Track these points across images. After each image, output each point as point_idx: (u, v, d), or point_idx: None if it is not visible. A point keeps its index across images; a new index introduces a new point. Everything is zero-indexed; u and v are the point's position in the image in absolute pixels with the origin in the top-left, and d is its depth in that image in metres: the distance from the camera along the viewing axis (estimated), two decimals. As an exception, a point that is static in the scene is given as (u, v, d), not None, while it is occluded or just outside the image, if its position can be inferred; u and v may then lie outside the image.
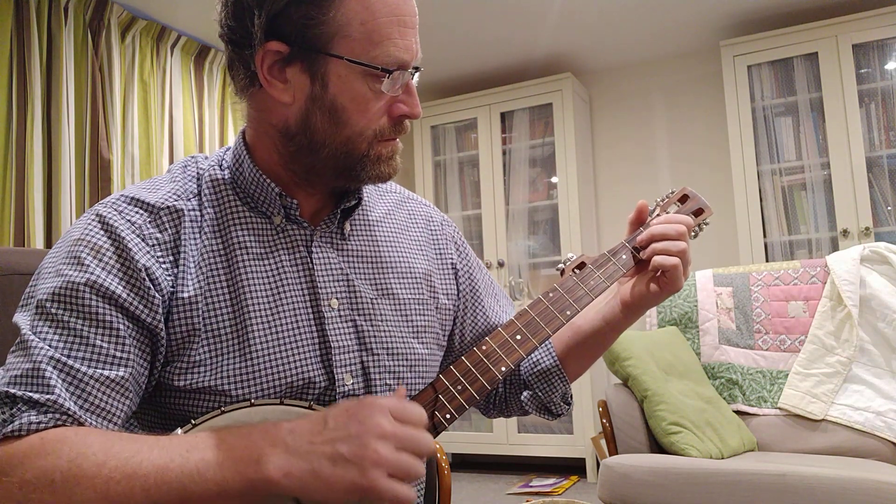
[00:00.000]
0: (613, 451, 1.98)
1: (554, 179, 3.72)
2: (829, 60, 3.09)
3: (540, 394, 1.00)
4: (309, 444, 0.64)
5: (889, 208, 3.01)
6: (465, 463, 3.91)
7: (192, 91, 3.25)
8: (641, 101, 3.86)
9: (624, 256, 0.93)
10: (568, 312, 0.87)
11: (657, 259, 0.88)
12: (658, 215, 1.01)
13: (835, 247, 3.02)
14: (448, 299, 0.96)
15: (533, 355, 1.00)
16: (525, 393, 1.02)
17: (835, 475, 1.57)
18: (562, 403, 1.02)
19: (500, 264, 3.72)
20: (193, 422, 0.70)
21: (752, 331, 2.29)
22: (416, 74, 0.81)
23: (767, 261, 3.17)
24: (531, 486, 3.33)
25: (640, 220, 0.97)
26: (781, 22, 3.36)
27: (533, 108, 3.75)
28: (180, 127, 3.14)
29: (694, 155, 3.71)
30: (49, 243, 2.56)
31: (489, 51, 3.63)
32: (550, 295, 0.88)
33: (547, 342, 1.00)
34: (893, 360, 2.09)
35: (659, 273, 0.89)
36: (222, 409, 0.72)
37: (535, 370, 1.00)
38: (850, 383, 2.10)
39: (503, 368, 0.82)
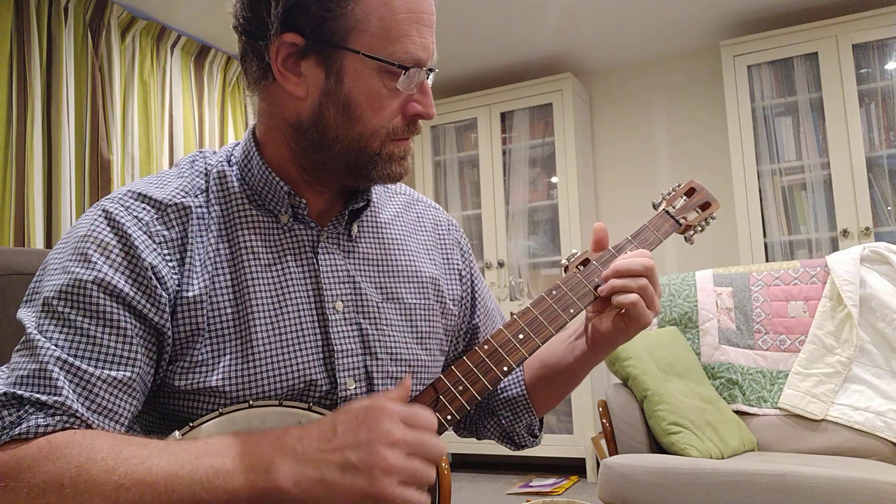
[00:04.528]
0: (613, 451, 1.98)
1: (554, 179, 3.72)
2: (829, 60, 3.09)
3: (504, 422, 0.97)
4: (318, 451, 0.64)
5: (889, 208, 3.01)
6: (465, 463, 3.91)
7: (192, 91, 3.25)
8: (641, 101, 3.86)
9: (629, 250, 0.90)
10: (571, 310, 0.85)
11: (616, 298, 0.83)
12: (665, 210, 0.99)
13: (835, 247, 3.02)
14: (455, 305, 0.94)
15: (502, 382, 0.97)
16: (492, 419, 0.99)
17: (835, 475, 1.57)
18: (526, 435, 0.99)
19: (500, 264, 3.72)
20: (191, 423, 0.70)
21: (752, 331, 2.29)
22: (431, 75, 0.79)
23: (767, 261, 3.17)
24: (531, 486, 3.33)
25: (601, 246, 0.91)
26: (781, 22, 3.36)
27: (533, 108, 3.75)
28: (180, 127, 3.14)
29: (694, 155, 3.71)
30: (49, 243, 2.56)
31: (489, 51, 3.62)
32: (553, 293, 0.86)
33: (517, 371, 0.97)
34: (893, 360, 2.09)
35: (623, 310, 0.84)
36: (220, 410, 0.71)
37: (501, 397, 0.98)
38: (850, 383, 2.10)
39: (505, 368, 0.81)
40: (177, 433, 0.69)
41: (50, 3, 2.62)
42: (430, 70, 0.78)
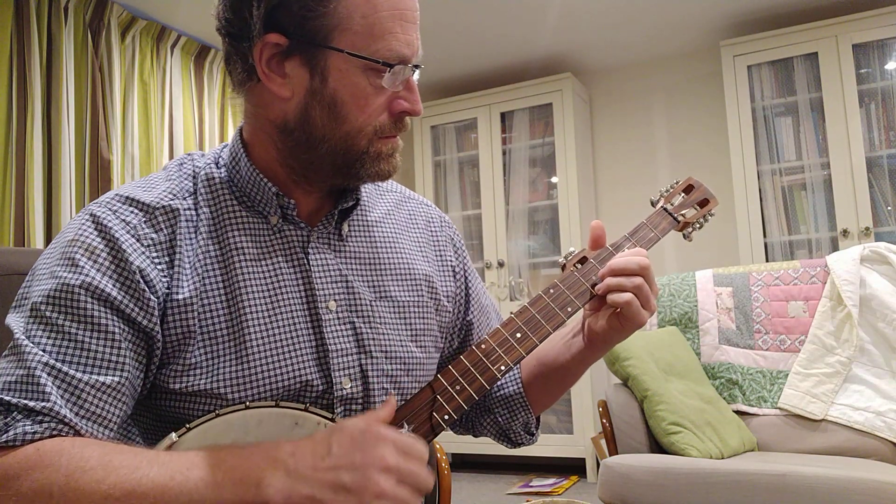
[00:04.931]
0: (613, 451, 1.98)
1: (554, 179, 3.72)
2: (829, 60, 3.09)
3: (500, 419, 0.97)
4: (311, 469, 0.63)
5: (889, 208, 3.01)
6: (465, 463, 3.91)
7: (192, 91, 3.25)
8: (641, 101, 3.86)
9: (627, 248, 0.90)
10: (569, 309, 0.85)
11: (610, 296, 0.83)
12: (663, 207, 0.98)
13: (835, 247, 3.02)
14: (449, 301, 0.94)
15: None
16: (489, 417, 0.99)
17: (835, 475, 1.57)
18: (523, 433, 0.98)
19: (500, 264, 3.72)
20: (188, 425, 0.69)
21: (752, 331, 2.29)
22: (417, 72, 0.79)
23: (767, 261, 3.17)
24: (531, 486, 3.33)
25: (598, 244, 0.91)
26: (781, 22, 3.36)
27: (533, 108, 3.75)
28: (180, 127, 3.15)
29: (694, 155, 3.71)
30: (49, 243, 2.56)
31: (489, 50, 3.62)
32: (551, 291, 0.85)
33: (514, 369, 0.97)
34: (893, 360, 2.09)
35: (618, 308, 0.83)
36: (217, 412, 0.71)
37: (497, 395, 0.97)
38: (850, 383, 2.10)
39: (502, 367, 0.81)
40: (173, 435, 0.69)
41: (50, 3, 2.62)
42: (416, 66, 0.78)
